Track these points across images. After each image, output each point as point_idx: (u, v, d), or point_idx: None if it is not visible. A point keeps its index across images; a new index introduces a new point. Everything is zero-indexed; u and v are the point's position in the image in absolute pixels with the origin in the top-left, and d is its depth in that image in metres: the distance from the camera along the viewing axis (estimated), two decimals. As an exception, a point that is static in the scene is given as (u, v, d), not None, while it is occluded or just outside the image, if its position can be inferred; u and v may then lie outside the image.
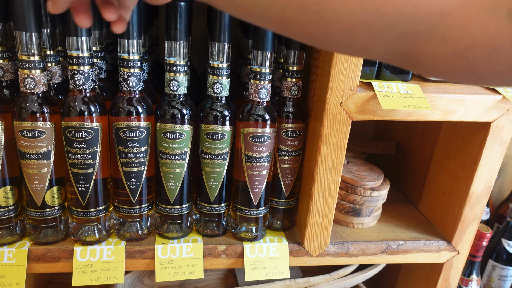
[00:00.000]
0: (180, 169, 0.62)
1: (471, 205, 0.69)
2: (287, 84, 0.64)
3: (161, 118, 0.60)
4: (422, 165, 0.82)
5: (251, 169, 0.63)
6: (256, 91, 0.61)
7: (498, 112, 0.63)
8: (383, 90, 0.59)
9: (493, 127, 0.64)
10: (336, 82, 0.57)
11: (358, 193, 0.71)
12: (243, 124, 0.62)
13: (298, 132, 0.66)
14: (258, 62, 0.60)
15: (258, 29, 0.58)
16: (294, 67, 0.63)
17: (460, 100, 0.61)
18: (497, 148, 0.65)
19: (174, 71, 0.58)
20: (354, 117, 0.59)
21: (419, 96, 0.59)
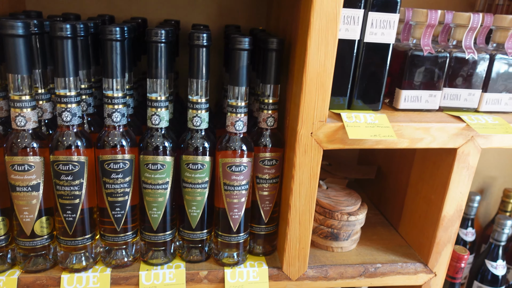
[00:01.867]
0: (163, 198, 0.66)
1: (444, 228, 0.71)
2: (264, 116, 0.68)
3: (144, 150, 0.64)
4: (400, 189, 0.85)
5: (230, 197, 0.67)
6: (233, 123, 0.65)
7: (463, 139, 0.67)
8: (351, 121, 0.63)
9: (459, 153, 0.67)
10: (306, 114, 0.61)
11: (336, 217, 0.74)
12: (221, 154, 0.65)
13: (275, 161, 0.69)
14: (234, 96, 0.64)
15: (234, 66, 0.63)
16: (270, 100, 0.67)
17: (426, 128, 0.65)
18: (464, 173, 0.69)
19: (156, 106, 0.63)
20: (325, 147, 0.63)
21: (385, 126, 0.63)
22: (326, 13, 0.56)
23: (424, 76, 0.69)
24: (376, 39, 0.65)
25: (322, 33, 0.57)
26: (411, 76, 0.68)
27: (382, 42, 0.65)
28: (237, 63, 0.62)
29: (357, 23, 0.63)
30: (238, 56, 0.62)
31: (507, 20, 0.68)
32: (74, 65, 0.58)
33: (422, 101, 0.70)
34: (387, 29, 0.65)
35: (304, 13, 0.58)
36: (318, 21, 0.56)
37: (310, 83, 0.59)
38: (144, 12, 0.87)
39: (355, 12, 0.63)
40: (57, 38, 0.56)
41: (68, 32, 0.56)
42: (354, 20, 0.63)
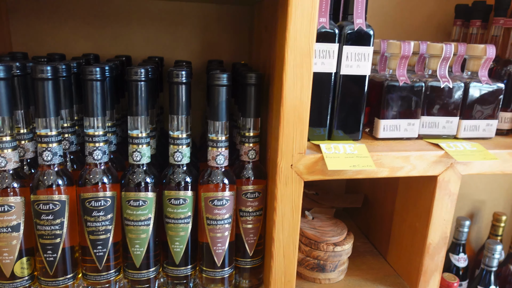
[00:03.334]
0: (145, 234, 0.65)
1: (430, 256, 0.71)
2: (245, 149, 0.69)
3: (125, 187, 0.64)
4: (386, 217, 0.85)
5: (213, 231, 0.66)
6: (214, 157, 0.65)
7: (443, 166, 0.67)
8: (331, 152, 0.64)
9: (440, 180, 0.68)
10: (285, 146, 0.62)
11: (321, 248, 0.73)
12: (203, 188, 0.66)
13: (258, 193, 0.69)
14: (215, 131, 0.65)
15: (213, 101, 0.64)
16: (251, 133, 0.68)
17: (405, 157, 0.66)
18: (446, 200, 0.69)
19: (137, 143, 0.63)
20: (305, 178, 0.64)
21: (364, 156, 0.64)
22: (300, 49, 0.58)
23: (402, 105, 0.70)
24: (352, 71, 0.67)
25: (297, 69, 0.59)
26: (389, 106, 0.70)
27: (358, 74, 0.67)
28: (216, 98, 0.64)
29: (332, 57, 0.65)
30: (217, 92, 0.63)
31: (479, 50, 0.71)
32: (54, 106, 0.59)
33: (401, 130, 0.71)
34: (362, 62, 0.67)
35: (279, 50, 0.60)
36: (293, 57, 0.58)
37: (288, 116, 0.60)
38: (130, 50, 0.89)
39: (330, 47, 0.65)
40: (37, 80, 0.57)
41: (48, 74, 0.57)
42: (330, 54, 0.65)
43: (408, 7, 0.97)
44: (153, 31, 0.89)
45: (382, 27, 0.98)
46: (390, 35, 0.98)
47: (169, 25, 0.89)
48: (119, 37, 0.89)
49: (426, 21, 0.99)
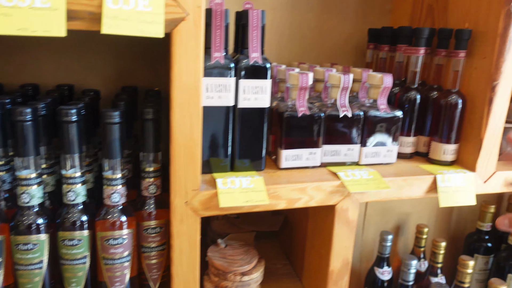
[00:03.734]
0: (38, 277, 0.63)
1: (333, 282, 0.73)
2: (145, 184, 0.68)
3: (14, 230, 0.62)
4: (301, 241, 0.86)
5: (110, 271, 0.65)
6: (109, 196, 0.64)
7: (340, 196, 0.69)
8: (226, 187, 0.64)
9: (338, 209, 0.69)
10: (178, 184, 0.61)
11: (229, 279, 0.73)
12: (99, 227, 0.64)
13: (160, 228, 0.69)
14: (109, 169, 0.64)
15: (105, 138, 0.63)
16: (151, 168, 0.67)
17: (302, 189, 0.67)
18: (346, 228, 0.71)
19: (26, 184, 0.61)
20: (201, 214, 0.63)
21: (259, 190, 0.64)
22: (187, 88, 0.58)
23: (302, 135, 0.71)
24: (250, 104, 0.67)
25: (185, 107, 0.58)
26: (290, 137, 0.71)
27: (256, 107, 0.68)
28: (107, 136, 0.62)
29: (229, 91, 0.65)
30: (108, 129, 0.62)
31: (377, 79, 0.73)
32: None
33: (303, 159, 0.72)
34: (260, 94, 0.67)
35: (169, 87, 0.60)
36: (180, 96, 0.58)
37: (179, 155, 0.60)
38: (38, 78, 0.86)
39: (226, 81, 0.65)
40: None
41: None
42: (226, 88, 0.65)
43: (326, 30, 0.99)
44: (64, 58, 0.87)
45: (301, 49, 0.99)
46: (310, 57, 1.00)
47: (81, 52, 0.87)
48: (27, 65, 0.86)
49: (344, 43, 1.01)
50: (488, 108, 0.71)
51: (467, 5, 0.75)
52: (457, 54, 0.73)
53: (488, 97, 0.70)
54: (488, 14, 0.70)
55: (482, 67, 0.72)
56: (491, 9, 0.69)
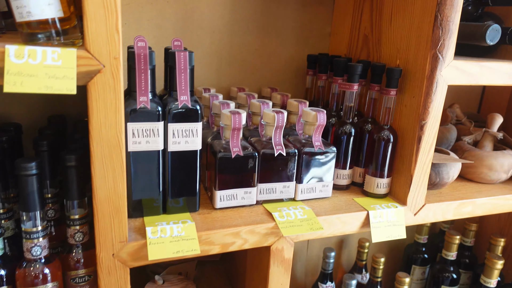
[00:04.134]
0: None
1: (270, 319, 0.73)
2: (71, 232, 0.64)
3: None
4: (243, 270, 0.86)
5: (32, 328, 0.62)
6: (29, 249, 0.60)
7: (275, 237, 0.69)
8: (156, 236, 0.62)
9: (273, 250, 0.69)
10: (103, 237, 0.58)
11: (164, 321, 0.72)
12: (20, 282, 0.60)
13: (89, 277, 0.66)
14: (28, 222, 0.60)
15: (22, 190, 0.58)
16: (76, 215, 0.64)
17: (235, 233, 0.66)
18: (281, 267, 0.71)
19: None
20: (130, 265, 0.61)
21: (191, 238, 0.63)
22: (107, 141, 0.54)
23: (237, 175, 0.70)
24: (180, 147, 0.65)
25: (107, 160, 0.55)
26: (224, 177, 0.69)
27: (187, 150, 0.65)
28: (24, 188, 0.58)
29: (157, 135, 0.63)
30: (23, 182, 0.58)
31: (311, 116, 0.73)
32: None
33: (238, 199, 0.71)
34: (190, 138, 0.65)
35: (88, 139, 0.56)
36: (100, 149, 0.55)
37: (102, 209, 0.57)
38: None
39: (154, 125, 0.62)
40: None
41: None
42: (154, 133, 0.63)
43: (266, 53, 0.98)
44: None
45: (241, 73, 0.97)
46: (250, 80, 0.99)
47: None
48: None
49: (284, 66, 1.01)
50: (417, 146, 0.73)
51: (398, 42, 0.77)
52: (389, 92, 0.74)
53: (417, 136, 0.72)
54: (416, 55, 0.72)
55: (412, 105, 0.73)
56: (419, 50, 0.71)
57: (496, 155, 0.87)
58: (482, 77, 0.73)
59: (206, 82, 0.95)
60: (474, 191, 0.87)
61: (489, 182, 0.90)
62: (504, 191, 0.87)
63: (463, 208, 0.82)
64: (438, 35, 0.67)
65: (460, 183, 0.91)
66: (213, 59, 0.94)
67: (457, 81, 0.71)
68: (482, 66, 0.72)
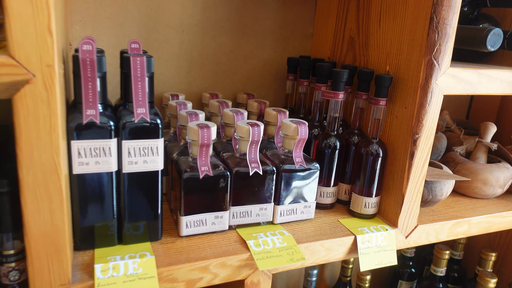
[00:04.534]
0: None
1: None
2: (4, 270, 0.54)
3: None
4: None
5: None
6: (-52, 296, 0.50)
7: (250, 269, 0.60)
8: (106, 276, 0.52)
9: (248, 284, 0.60)
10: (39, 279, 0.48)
11: None
12: None
13: (28, 322, 0.55)
14: None
15: None
16: (10, 251, 0.53)
17: (203, 267, 0.57)
18: (257, 303, 0.62)
19: None
20: (76, 312, 0.51)
21: (150, 276, 0.53)
22: (41, 165, 0.44)
23: (206, 198, 0.61)
24: (138, 168, 0.55)
25: (41, 189, 0.45)
26: (191, 199, 0.60)
27: (146, 171, 0.56)
28: None
29: (109, 154, 0.53)
30: None
31: (291, 129, 0.64)
32: None
33: (207, 224, 0.62)
34: (150, 157, 0.55)
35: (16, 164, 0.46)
36: (32, 176, 0.44)
37: (37, 247, 0.47)
38: None
39: (105, 143, 0.52)
40: None
41: None
42: (105, 152, 0.53)
43: (242, 55, 0.89)
44: None
45: (214, 77, 0.88)
46: (225, 85, 0.89)
47: None
48: None
49: (262, 70, 0.92)
50: (409, 162, 0.65)
51: (387, 46, 0.68)
52: (378, 102, 0.66)
53: (410, 151, 0.64)
54: (409, 61, 0.64)
55: (404, 117, 0.65)
56: (412, 56, 0.63)
57: (491, 169, 0.81)
58: (480, 86, 0.66)
59: (175, 87, 0.85)
60: (468, 208, 0.80)
61: (483, 197, 0.84)
62: (500, 208, 0.81)
63: (457, 228, 0.75)
64: (434, 39, 0.60)
65: (453, 198, 0.84)
66: (183, 62, 0.84)
67: (454, 91, 0.64)
68: (480, 74, 0.65)
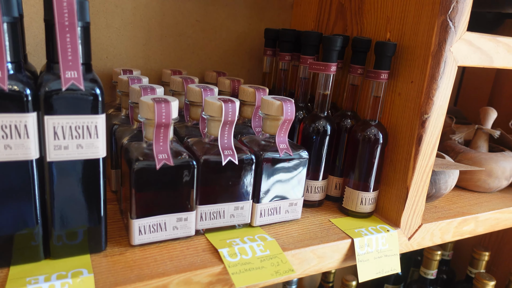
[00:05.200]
0: None
1: None
2: None
3: None
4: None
5: None
6: None
7: (223, 284, 0.46)
8: (21, 307, 0.37)
9: (220, 305, 0.47)
10: None
11: None
12: None
13: None
14: None
15: None
16: None
17: (162, 287, 0.43)
18: (232, 329, 0.48)
19: None
20: None
21: (85, 304, 0.39)
22: None
23: (165, 195, 0.47)
24: (69, 155, 0.40)
25: None
26: (145, 198, 0.46)
27: (81, 159, 0.41)
28: None
29: (25, 135, 0.38)
30: None
31: (274, 108, 0.51)
32: None
33: (167, 229, 0.48)
34: (86, 139, 0.41)
35: None
36: None
37: None
38: None
39: (18, 119, 0.37)
40: None
41: None
42: (19, 131, 0.38)
43: (211, 26, 0.75)
44: None
45: (178, 51, 0.73)
46: (190, 62, 0.75)
47: None
48: None
49: (235, 44, 0.78)
50: (416, 148, 0.54)
51: (388, 8, 0.57)
52: (378, 76, 0.54)
53: (417, 135, 0.53)
54: (417, 24, 0.52)
55: (409, 93, 0.54)
56: (421, 17, 0.51)
57: (496, 158, 0.71)
58: (498, 57, 0.55)
59: (129, 63, 0.70)
60: (472, 202, 0.70)
61: (486, 191, 0.74)
62: (506, 202, 0.71)
63: (464, 227, 0.65)
64: (450, -6, 0.48)
65: (454, 192, 0.73)
66: (138, 32, 0.69)
67: (469, 61, 0.53)
68: (499, 42, 0.54)
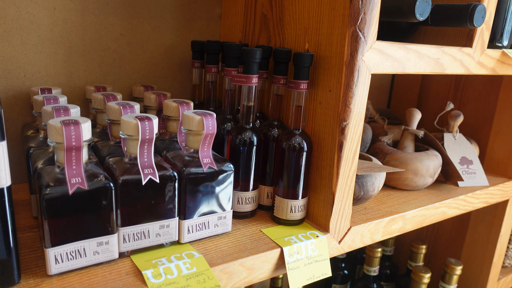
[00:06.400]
0: None
1: None
2: None
3: None
4: None
5: None
6: None
7: (148, 309, 0.45)
8: None
9: (147, 329, 0.45)
10: None
11: None
12: None
13: None
14: None
15: None
16: None
17: (79, 317, 0.41)
18: None
19: None
20: None
21: None
22: None
23: (81, 219, 0.45)
24: (-32, 187, 0.38)
25: None
26: (60, 224, 0.44)
27: (-18, 190, 0.39)
28: None
29: None
30: None
31: (195, 123, 0.50)
32: None
33: (88, 255, 0.46)
34: (-14, 169, 0.38)
35: None
36: None
37: None
38: None
39: None
40: None
41: None
42: None
43: (137, 40, 0.73)
44: None
45: (103, 66, 0.71)
46: (116, 77, 0.73)
47: None
48: None
49: (164, 57, 0.77)
50: (338, 154, 0.55)
51: (305, 20, 0.58)
52: (298, 86, 0.55)
53: (338, 142, 0.55)
54: (331, 35, 0.54)
55: (328, 102, 0.56)
56: (334, 28, 0.53)
57: (421, 158, 0.75)
58: (409, 63, 0.58)
59: (49, 81, 0.67)
60: (401, 201, 0.73)
61: (414, 189, 0.78)
62: (432, 199, 0.75)
63: (392, 226, 0.67)
64: (358, 6, 0.50)
65: (384, 192, 0.77)
66: (58, 48, 0.67)
67: (382, 69, 0.55)
68: (408, 50, 0.57)
